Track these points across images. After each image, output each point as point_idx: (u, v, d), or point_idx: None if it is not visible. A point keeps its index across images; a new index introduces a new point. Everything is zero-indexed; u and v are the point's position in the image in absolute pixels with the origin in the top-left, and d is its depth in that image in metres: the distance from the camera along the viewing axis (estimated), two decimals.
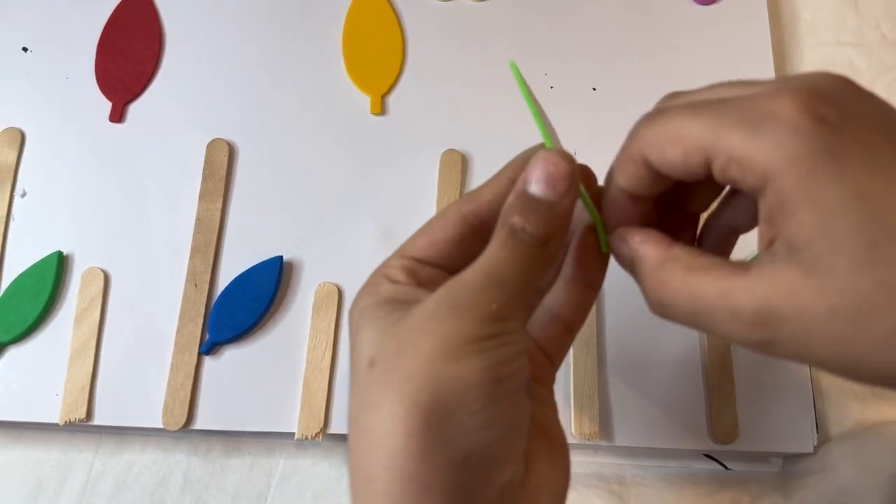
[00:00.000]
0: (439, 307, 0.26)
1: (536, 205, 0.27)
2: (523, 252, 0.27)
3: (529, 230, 0.27)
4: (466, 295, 0.26)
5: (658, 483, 0.49)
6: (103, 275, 0.51)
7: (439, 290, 0.26)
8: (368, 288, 0.29)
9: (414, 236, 0.30)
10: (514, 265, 0.27)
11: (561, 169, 0.27)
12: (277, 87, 0.57)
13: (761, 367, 0.50)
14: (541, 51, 0.59)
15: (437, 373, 0.25)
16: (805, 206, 0.23)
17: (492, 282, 0.26)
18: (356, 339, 0.27)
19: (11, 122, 0.55)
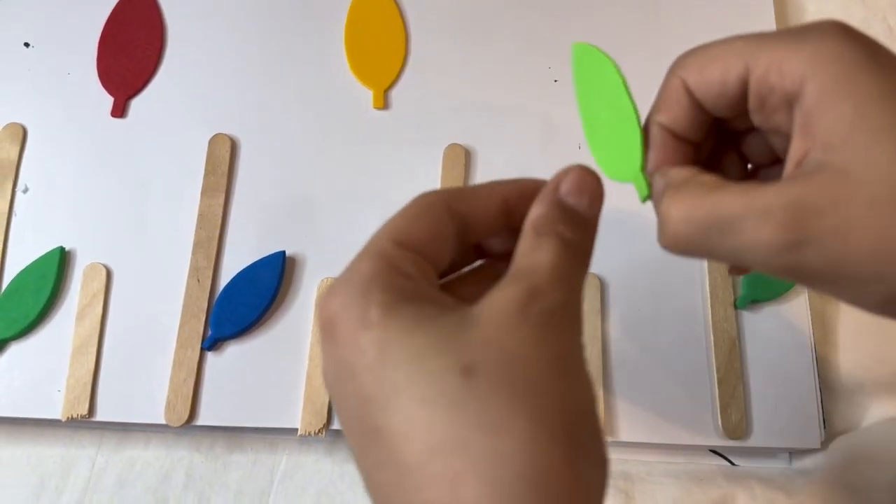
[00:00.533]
0: (538, 320, 0.24)
1: (579, 218, 0.27)
2: (578, 259, 0.26)
3: (579, 241, 0.26)
4: (558, 306, 0.24)
5: (664, 479, 0.48)
6: (105, 270, 0.51)
7: (512, 296, 0.24)
8: (377, 281, 0.25)
9: (403, 221, 0.27)
10: (577, 272, 0.26)
11: (600, 188, 0.28)
12: (279, 82, 0.57)
13: (767, 362, 0.50)
14: (545, 44, 0.58)
15: (563, 389, 0.23)
16: (845, 99, 0.24)
17: (573, 292, 0.25)
18: (392, 339, 0.23)
19: (13, 117, 0.55)
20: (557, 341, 0.24)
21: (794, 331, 0.51)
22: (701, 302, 0.51)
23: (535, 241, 0.26)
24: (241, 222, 0.53)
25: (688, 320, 0.51)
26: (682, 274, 0.52)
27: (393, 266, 0.25)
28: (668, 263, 0.52)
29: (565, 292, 0.25)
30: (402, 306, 0.24)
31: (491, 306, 0.24)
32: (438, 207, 0.27)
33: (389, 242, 0.26)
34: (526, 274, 0.25)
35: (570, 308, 0.25)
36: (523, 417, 0.22)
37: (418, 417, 0.22)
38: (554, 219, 0.27)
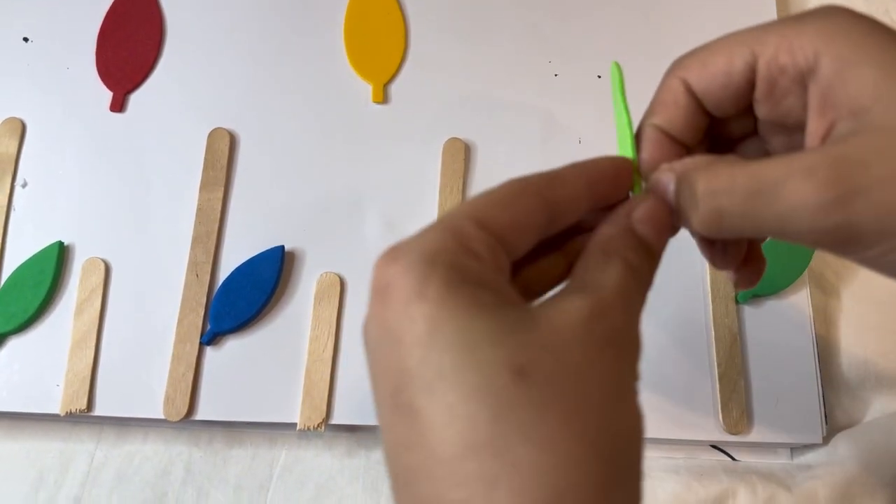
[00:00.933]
0: (597, 333, 0.23)
1: (646, 248, 0.27)
2: (641, 286, 0.26)
3: (644, 269, 0.26)
4: (621, 327, 0.24)
5: (664, 474, 0.48)
6: (104, 265, 0.51)
7: (578, 306, 0.24)
8: (443, 256, 0.23)
9: (488, 203, 0.25)
10: (639, 299, 0.26)
11: (670, 222, 0.28)
12: (279, 76, 0.56)
13: (769, 357, 0.49)
14: (545, 38, 0.58)
15: (617, 411, 0.23)
16: (866, 63, 0.24)
17: (634, 316, 0.25)
18: (447, 318, 0.22)
19: (12, 112, 0.55)
20: (617, 363, 0.23)
21: (795, 325, 0.51)
22: (702, 296, 0.51)
23: (603, 259, 0.26)
24: (240, 217, 0.53)
25: (688, 315, 0.50)
26: (682, 268, 0.51)
27: (464, 245, 0.24)
28: (669, 257, 0.51)
29: (629, 315, 0.25)
30: (463, 288, 0.23)
31: (555, 311, 0.23)
32: (531, 195, 0.26)
33: (469, 221, 0.24)
34: (593, 289, 0.24)
35: (631, 333, 0.25)
36: (571, 436, 0.21)
37: (461, 409, 0.21)
38: (624, 243, 0.26)
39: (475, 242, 0.24)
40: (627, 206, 0.28)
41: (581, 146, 0.54)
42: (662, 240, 0.28)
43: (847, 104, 0.24)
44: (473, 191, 0.53)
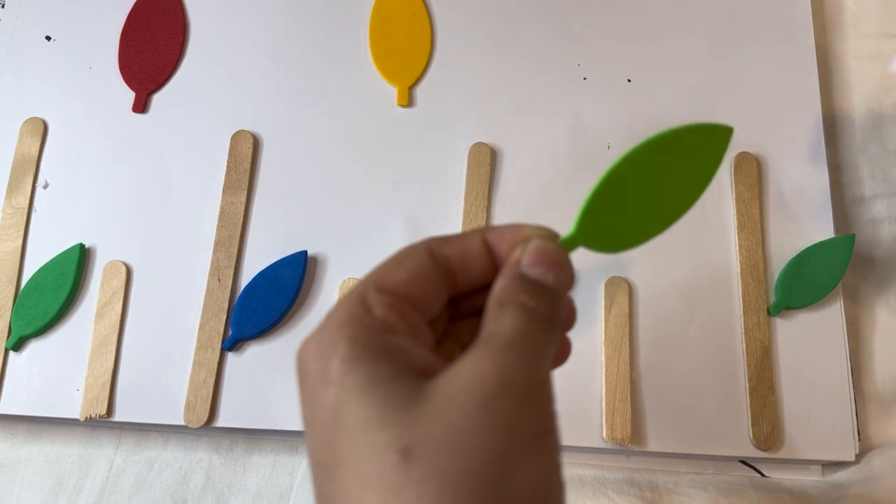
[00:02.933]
0: (489, 389, 0.22)
1: (542, 288, 0.26)
2: (544, 327, 0.25)
3: (543, 310, 0.26)
4: (520, 375, 0.23)
5: (692, 490, 0.47)
6: (125, 268, 0.50)
7: (471, 365, 0.23)
8: (345, 330, 0.24)
9: (385, 267, 0.27)
10: (540, 340, 0.25)
11: (563, 260, 0.28)
12: (303, 78, 0.56)
13: (801, 371, 0.48)
14: (574, 40, 0.57)
15: (504, 480, 0.21)
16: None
17: (533, 361, 0.24)
18: (346, 400, 0.23)
19: (34, 112, 0.54)
20: (512, 419, 0.22)
21: (828, 339, 0.49)
22: (733, 308, 0.50)
23: (497, 311, 0.25)
24: (262, 221, 0.52)
25: (719, 327, 0.49)
26: (714, 279, 0.50)
27: (367, 311, 0.25)
28: (700, 268, 0.51)
29: (526, 361, 0.24)
30: (362, 362, 0.23)
31: (448, 375, 0.23)
32: (419, 250, 0.27)
33: (370, 287, 0.25)
34: (488, 341, 0.24)
35: (531, 378, 0.23)
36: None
37: (354, 497, 0.22)
38: (516, 290, 0.26)
39: (376, 306, 0.25)
40: (516, 255, 0.27)
41: (610, 152, 0.53)
42: (561, 276, 0.27)
43: None
44: (499, 196, 0.52)
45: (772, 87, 0.55)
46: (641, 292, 0.50)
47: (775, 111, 0.55)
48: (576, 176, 0.53)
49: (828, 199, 0.53)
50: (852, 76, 0.58)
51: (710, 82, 0.56)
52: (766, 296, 0.50)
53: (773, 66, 0.56)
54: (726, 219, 0.52)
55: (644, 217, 0.29)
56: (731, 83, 0.56)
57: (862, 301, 0.52)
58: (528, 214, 0.52)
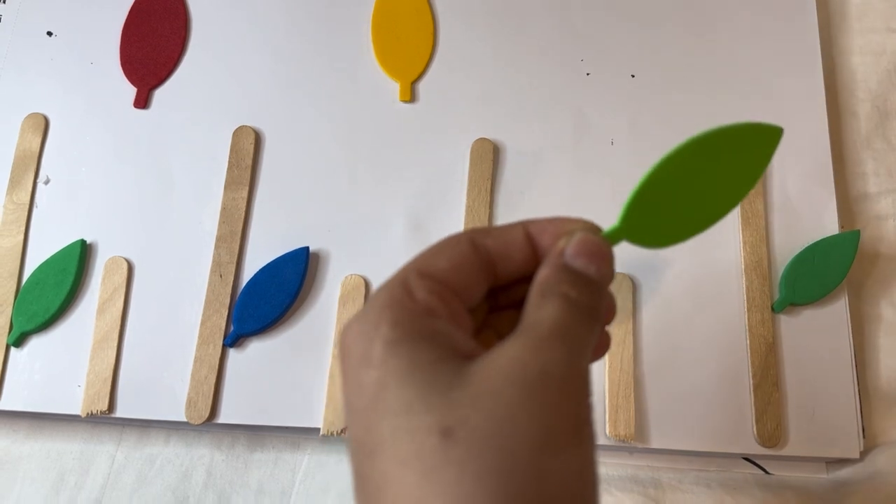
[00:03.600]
0: (530, 378, 0.23)
1: (584, 280, 0.26)
2: (586, 319, 0.25)
3: (585, 301, 0.26)
4: (559, 365, 0.23)
5: (695, 487, 0.47)
6: (127, 264, 0.50)
7: (513, 353, 0.23)
8: (388, 312, 0.24)
9: (427, 254, 0.27)
10: (581, 332, 0.25)
11: (606, 252, 0.28)
12: (305, 74, 0.55)
13: (805, 368, 0.48)
14: (577, 36, 0.56)
15: (544, 467, 0.22)
16: None
17: (574, 352, 0.24)
18: (388, 382, 0.23)
19: (35, 107, 0.54)
20: (552, 408, 0.22)
21: (832, 336, 0.49)
22: (737, 305, 0.49)
23: (539, 300, 0.25)
24: (264, 217, 0.52)
25: (723, 324, 0.49)
26: (717, 276, 0.50)
27: (409, 294, 0.25)
28: (703, 265, 0.50)
29: (567, 352, 0.24)
30: (404, 345, 0.24)
31: (489, 361, 0.23)
32: (462, 240, 0.27)
33: (412, 272, 0.26)
34: (530, 329, 0.24)
35: (571, 369, 0.24)
36: (486, 495, 0.21)
37: (393, 477, 0.22)
38: (559, 280, 0.26)
39: (418, 290, 0.25)
40: (560, 245, 0.27)
41: (613, 147, 0.53)
42: (603, 268, 0.27)
43: None
44: (502, 192, 0.52)
45: (776, 82, 0.55)
46: (645, 289, 0.50)
47: (779, 106, 0.55)
48: (579, 172, 0.53)
49: (832, 196, 0.52)
50: (857, 71, 0.58)
51: (714, 78, 0.55)
52: (770, 292, 0.49)
53: (778, 60, 0.56)
54: (730, 215, 0.51)
55: (688, 213, 0.29)
56: (735, 78, 0.55)
57: (866, 298, 0.52)
58: (531, 210, 0.51)
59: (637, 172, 0.28)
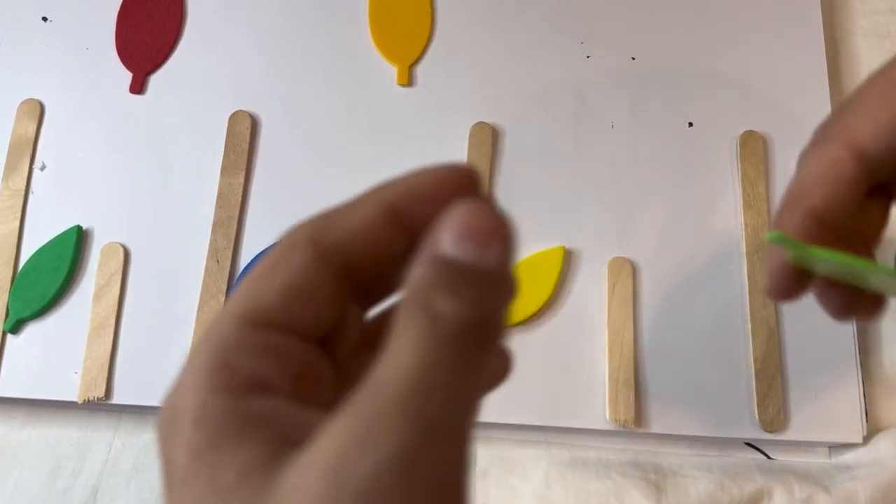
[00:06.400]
0: (347, 487, 0.15)
1: (471, 276, 0.17)
2: (469, 347, 0.17)
3: (467, 315, 0.17)
4: (395, 460, 0.15)
5: (697, 472, 0.46)
6: (123, 250, 0.50)
7: (334, 452, 0.16)
8: (202, 397, 0.18)
9: (257, 283, 0.20)
10: (458, 375, 0.17)
11: (498, 223, 0.18)
12: (301, 58, 0.55)
13: (808, 352, 0.48)
14: (577, 18, 0.56)
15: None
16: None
17: (436, 425, 0.16)
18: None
19: (31, 93, 0.54)
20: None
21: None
22: (739, 289, 0.49)
23: (398, 330, 0.17)
24: (261, 202, 0.51)
25: (725, 308, 0.48)
26: (719, 260, 0.49)
27: (225, 367, 0.18)
28: (705, 248, 0.50)
29: (422, 431, 0.16)
30: (206, 456, 0.17)
31: (303, 464, 0.16)
32: (298, 247, 0.20)
33: (233, 321, 0.19)
34: (364, 398, 0.16)
35: (425, 459, 0.16)
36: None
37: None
38: (428, 286, 0.17)
39: (238, 354, 0.18)
40: (434, 230, 0.18)
41: (613, 131, 0.52)
42: (498, 251, 0.18)
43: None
44: (501, 176, 0.52)
45: (779, 64, 0.54)
46: (645, 272, 0.49)
47: (782, 89, 0.54)
48: (579, 155, 0.52)
49: None
50: (860, 53, 0.57)
51: (716, 60, 0.55)
52: None
53: (780, 43, 0.55)
54: (732, 198, 0.51)
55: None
56: (736, 61, 0.55)
57: None
58: (531, 195, 0.51)
59: (637, 156, 0.26)
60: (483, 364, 0.18)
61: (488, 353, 0.18)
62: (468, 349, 0.17)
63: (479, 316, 0.17)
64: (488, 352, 0.18)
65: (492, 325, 0.18)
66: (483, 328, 0.17)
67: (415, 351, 0.17)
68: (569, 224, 0.50)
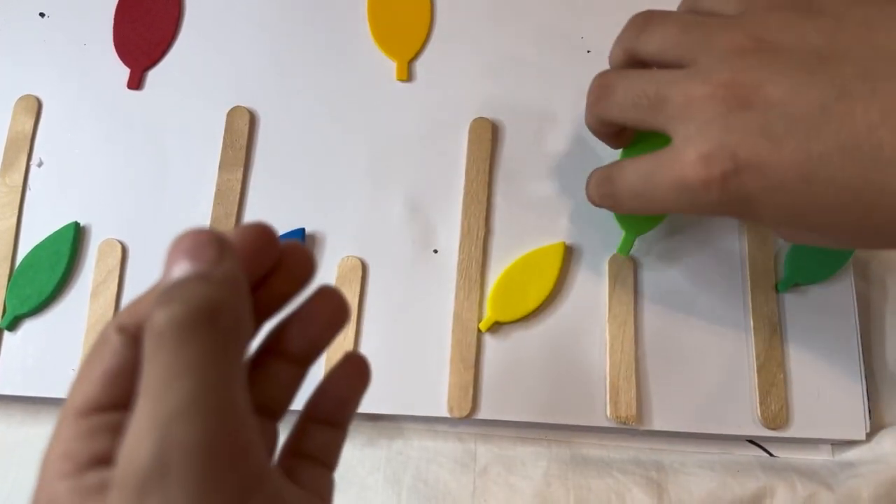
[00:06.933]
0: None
1: (171, 287, 0.20)
2: (185, 348, 0.19)
3: (180, 313, 0.19)
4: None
5: (698, 470, 0.46)
6: (121, 247, 0.50)
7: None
8: (50, 490, 0.22)
9: (82, 380, 0.23)
10: (185, 378, 0.19)
11: (201, 236, 0.22)
12: (300, 53, 0.55)
13: (810, 348, 0.47)
14: (577, 11, 0.55)
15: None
16: None
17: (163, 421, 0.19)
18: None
19: (28, 89, 0.54)
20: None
21: (838, 316, 0.48)
22: (740, 284, 0.48)
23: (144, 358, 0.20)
24: (260, 198, 0.51)
25: (726, 304, 0.48)
26: (720, 255, 0.49)
27: (66, 457, 0.22)
28: (706, 244, 0.49)
29: (162, 427, 0.19)
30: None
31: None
32: (110, 340, 0.23)
33: (67, 418, 0.22)
34: (131, 426, 0.20)
35: (177, 445, 0.18)
36: None
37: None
38: (152, 310, 0.20)
39: (74, 443, 0.22)
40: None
41: None
42: (208, 255, 0.21)
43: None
44: (501, 172, 0.51)
45: None
46: (647, 269, 0.49)
47: None
48: (580, 151, 0.52)
49: None
50: None
51: None
52: (774, 272, 0.48)
53: None
54: None
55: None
56: None
57: (873, 278, 0.51)
58: (531, 190, 0.51)
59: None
60: (221, 343, 0.20)
61: (221, 332, 0.20)
62: (192, 340, 0.19)
63: (192, 309, 0.19)
64: (220, 332, 0.20)
65: (213, 311, 0.20)
66: (203, 317, 0.19)
67: (149, 364, 0.19)
68: (569, 220, 0.50)
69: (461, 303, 0.48)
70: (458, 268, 0.49)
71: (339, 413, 0.29)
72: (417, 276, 0.49)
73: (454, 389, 0.46)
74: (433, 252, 0.49)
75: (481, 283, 0.48)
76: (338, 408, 0.29)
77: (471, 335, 0.47)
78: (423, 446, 0.47)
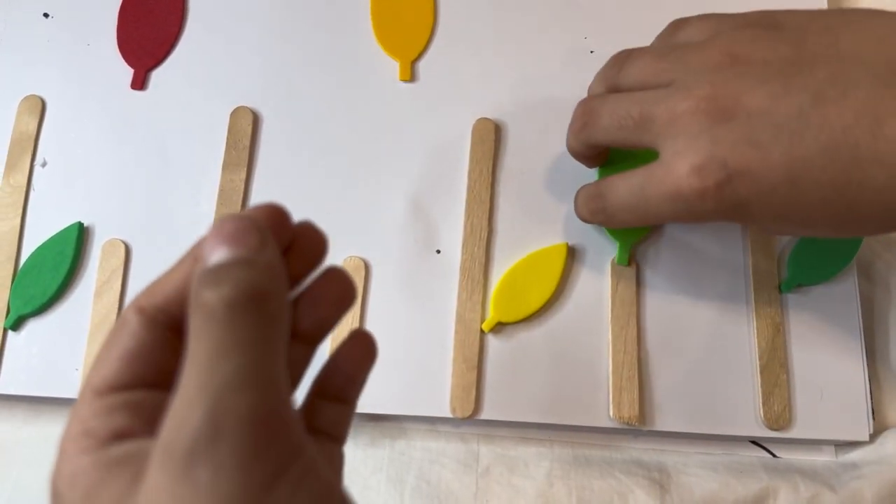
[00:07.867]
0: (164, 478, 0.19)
1: (219, 268, 0.21)
2: (230, 326, 0.20)
3: (222, 296, 0.21)
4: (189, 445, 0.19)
5: (701, 471, 0.46)
6: (124, 247, 0.50)
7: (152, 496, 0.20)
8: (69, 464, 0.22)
9: (101, 361, 0.24)
10: (236, 353, 0.20)
11: (244, 223, 0.23)
12: (303, 53, 0.55)
13: (813, 349, 0.47)
14: (581, 13, 0.55)
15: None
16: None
17: (214, 392, 0.19)
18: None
19: (32, 89, 0.54)
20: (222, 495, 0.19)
21: (841, 316, 0.48)
22: (743, 285, 0.48)
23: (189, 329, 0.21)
24: (263, 198, 0.50)
25: (729, 304, 0.48)
26: (723, 255, 0.49)
27: (86, 434, 0.22)
28: (708, 244, 0.49)
29: (214, 398, 0.20)
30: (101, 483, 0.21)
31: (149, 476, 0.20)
32: (129, 321, 0.24)
33: (86, 397, 0.23)
34: (177, 398, 0.20)
35: (225, 419, 0.19)
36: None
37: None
38: (198, 288, 0.21)
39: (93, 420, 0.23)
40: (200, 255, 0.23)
41: None
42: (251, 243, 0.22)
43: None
44: (504, 173, 0.51)
45: None
46: (649, 269, 0.49)
47: None
48: None
49: None
50: None
51: None
52: (777, 272, 0.48)
53: None
54: None
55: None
56: None
57: (876, 278, 0.51)
58: (534, 191, 0.51)
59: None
60: (268, 324, 0.21)
61: (268, 315, 0.21)
62: (242, 320, 0.20)
63: (242, 291, 0.21)
64: (268, 314, 0.21)
65: (261, 294, 0.21)
66: (252, 299, 0.21)
67: (197, 338, 0.20)
68: (572, 221, 0.50)
69: (464, 303, 0.48)
70: (461, 268, 0.49)
71: (347, 389, 0.30)
72: (420, 276, 0.49)
73: (457, 390, 0.46)
74: (436, 252, 0.49)
75: (484, 284, 0.48)
76: (346, 384, 0.30)
77: (473, 335, 0.47)
78: (425, 447, 0.47)
